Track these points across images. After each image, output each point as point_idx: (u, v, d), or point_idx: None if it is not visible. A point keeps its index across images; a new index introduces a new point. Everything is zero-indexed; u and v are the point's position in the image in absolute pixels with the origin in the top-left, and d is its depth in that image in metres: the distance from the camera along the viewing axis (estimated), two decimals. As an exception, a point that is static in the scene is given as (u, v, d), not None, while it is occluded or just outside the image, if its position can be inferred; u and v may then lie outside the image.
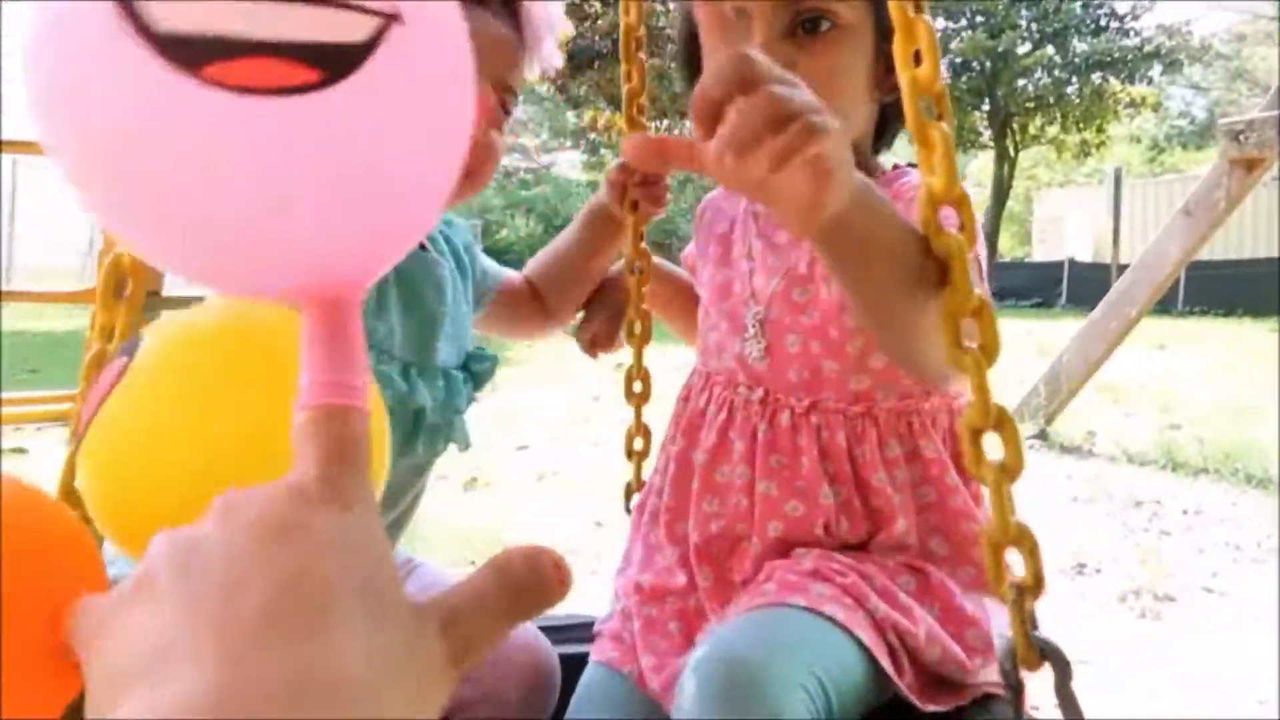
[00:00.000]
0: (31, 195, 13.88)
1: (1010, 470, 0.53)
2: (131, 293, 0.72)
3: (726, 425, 0.95)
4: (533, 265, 1.27)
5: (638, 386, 1.24)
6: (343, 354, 0.34)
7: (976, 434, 0.54)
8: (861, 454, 0.89)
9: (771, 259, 0.99)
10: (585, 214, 1.27)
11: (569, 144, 29.39)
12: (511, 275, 1.24)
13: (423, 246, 1.04)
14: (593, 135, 19.06)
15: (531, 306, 1.24)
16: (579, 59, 13.60)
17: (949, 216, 0.55)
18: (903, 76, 0.54)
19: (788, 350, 0.94)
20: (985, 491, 0.57)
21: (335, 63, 0.29)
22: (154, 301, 2.35)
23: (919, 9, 0.55)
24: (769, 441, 0.91)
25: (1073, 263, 16.06)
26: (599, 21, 13.54)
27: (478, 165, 0.95)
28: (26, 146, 2.25)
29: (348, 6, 0.30)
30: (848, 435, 0.90)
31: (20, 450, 4.15)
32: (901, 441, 0.89)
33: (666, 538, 0.98)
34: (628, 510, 1.17)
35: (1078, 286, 15.03)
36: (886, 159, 1.05)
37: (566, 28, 1.06)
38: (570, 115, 21.67)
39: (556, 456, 4.72)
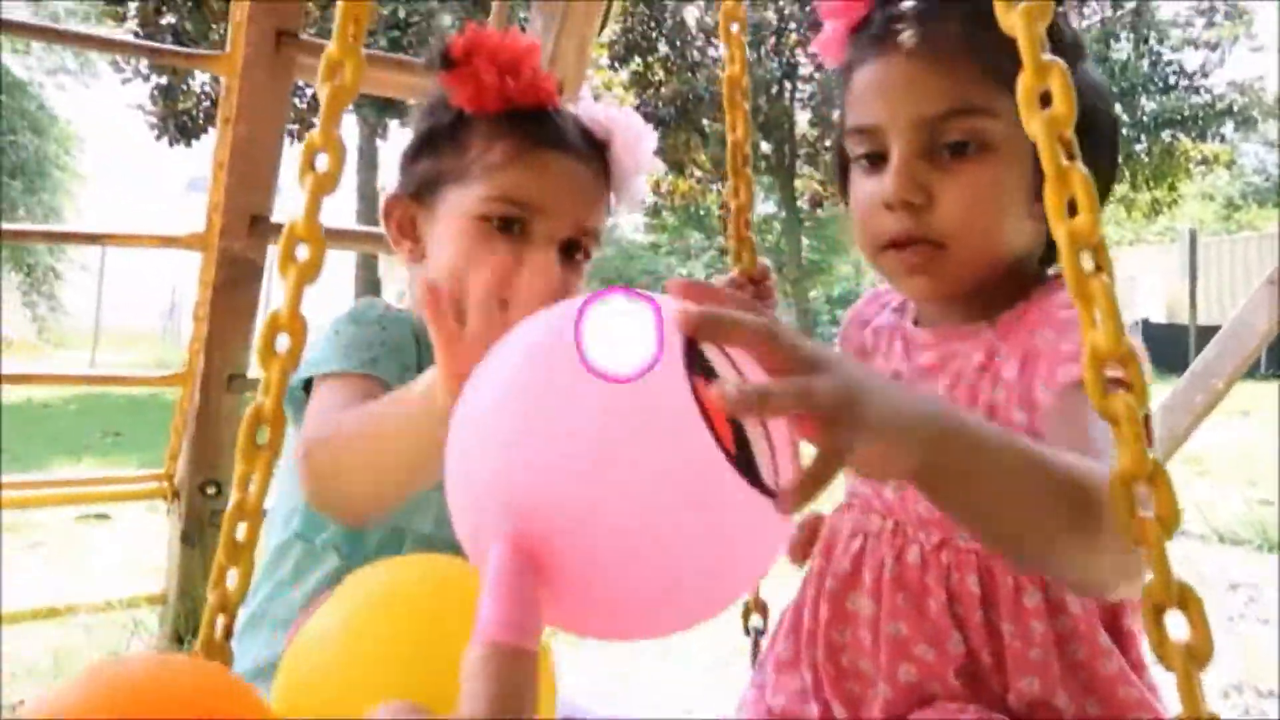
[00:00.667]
0: (118, 270, 14.54)
1: (1199, 656, 0.49)
2: (270, 440, 0.73)
3: (860, 553, 0.90)
4: None
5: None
6: (523, 596, 0.36)
7: (1159, 612, 0.50)
8: (995, 601, 0.82)
9: (906, 365, 0.94)
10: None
11: (630, 206, 29.78)
12: None
13: None
14: (655, 199, 19.26)
15: None
16: (642, 125, 13.81)
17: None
18: (1058, 230, 0.52)
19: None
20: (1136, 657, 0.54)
21: None
22: (239, 383, 2.38)
23: (1071, 156, 0.53)
24: (896, 578, 0.86)
25: (1147, 324, 15.64)
26: (662, 89, 13.78)
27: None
28: (116, 239, 2.34)
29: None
30: (980, 579, 0.83)
31: (103, 517, 4.25)
32: (1042, 591, 0.81)
33: (798, 657, 0.93)
34: (746, 632, 1.13)
35: (1154, 348, 14.37)
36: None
37: (657, 167, 1.08)
38: (632, 178, 22.00)
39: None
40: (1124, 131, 20.03)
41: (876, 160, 0.87)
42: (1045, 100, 0.53)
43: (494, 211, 0.96)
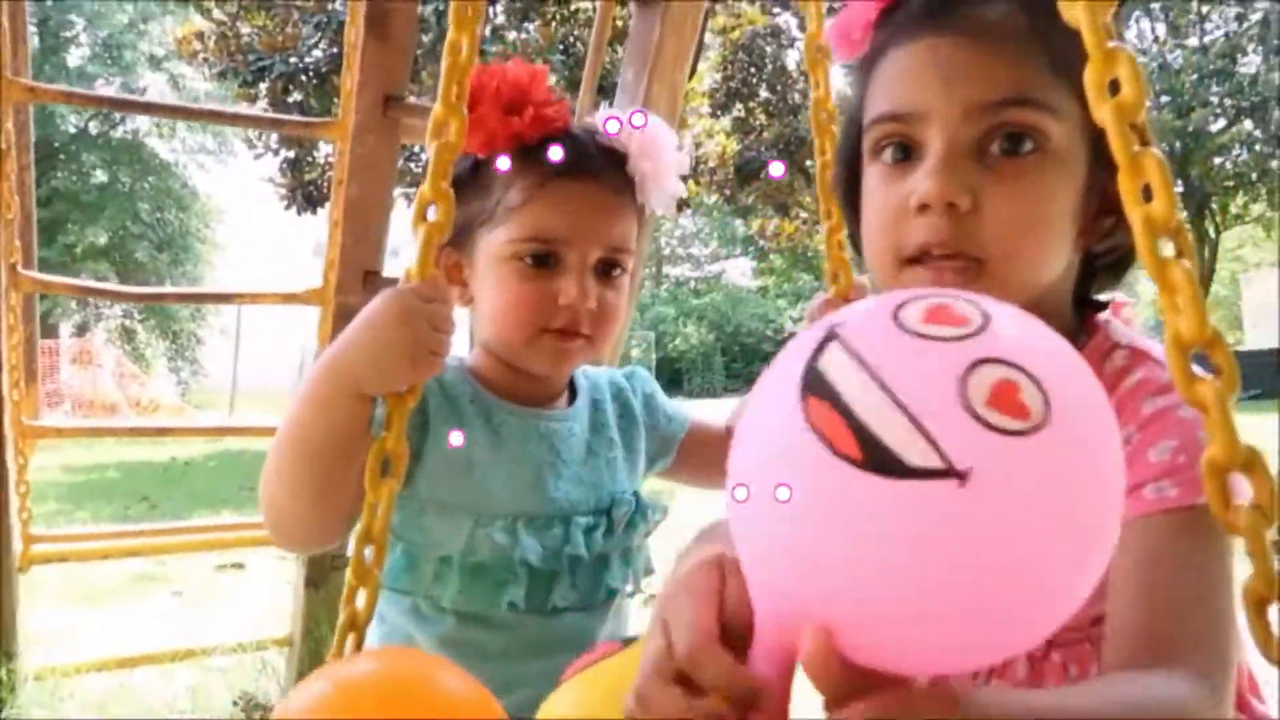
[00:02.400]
0: (253, 333, 15.44)
1: None
2: (394, 472, 0.80)
3: None
4: (740, 407, 1.26)
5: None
6: None
7: (1261, 605, 0.46)
8: None
9: None
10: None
11: (738, 251, 29.84)
12: (705, 421, 1.23)
13: (572, 388, 1.11)
14: (761, 242, 19.25)
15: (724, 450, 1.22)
16: (745, 170, 13.88)
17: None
18: (1134, 214, 0.50)
19: None
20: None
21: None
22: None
23: (1145, 142, 0.51)
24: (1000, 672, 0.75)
25: (1284, 350, 14.65)
26: (763, 134, 13.85)
27: (593, 330, 1.02)
28: (244, 298, 2.49)
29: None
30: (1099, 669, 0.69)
31: (239, 565, 4.46)
32: None
33: None
34: None
35: None
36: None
37: (683, 164, 1.07)
38: (739, 224, 22.05)
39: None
40: (1256, 148, 19.01)
41: (906, 156, 0.73)
42: (1114, 89, 0.51)
43: (523, 252, 0.99)
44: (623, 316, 1.07)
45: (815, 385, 0.43)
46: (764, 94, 14.01)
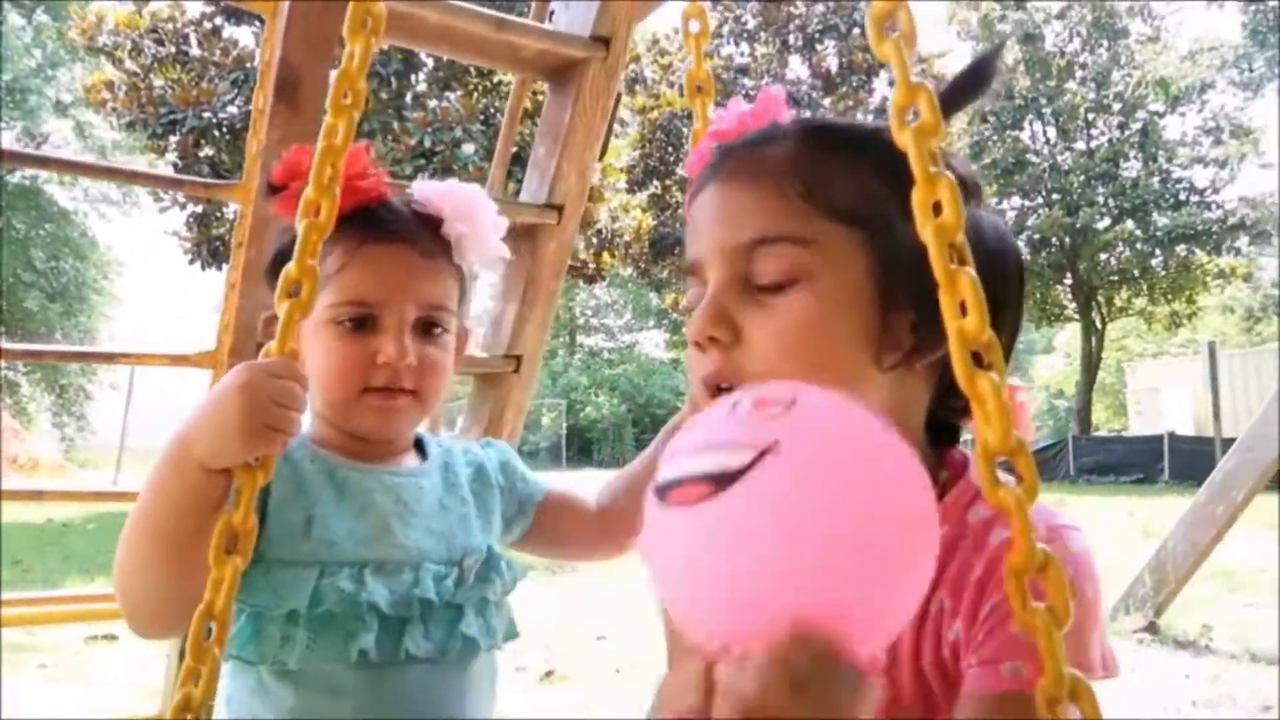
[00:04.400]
0: (147, 391, 14.93)
1: None
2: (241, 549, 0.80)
3: None
4: (612, 485, 1.27)
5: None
6: None
7: (1052, 705, 0.50)
8: None
9: None
10: (671, 433, 1.27)
11: (651, 324, 30.16)
12: (561, 491, 1.25)
13: (422, 454, 1.13)
14: (674, 315, 19.52)
15: (590, 525, 1.24)
16: (660, 245, 14.15)
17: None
18: (950, 327, 0.55)
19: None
20: None
21: (721, 481, 0.50)
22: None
23: (963, 261, 0.56)
24: None
25: (1173, 436, 15.44)
26: (680, 210, 14.18)
27: (416, 384, 1.05)
28: (130, 358, 2.42)
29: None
30: None
31: (111, 638, 4.23)
32: None
33: None
34: None
35: (1181, 461, 14.38)
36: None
37: (500, 225, 1.13)
38: (653, 296, 22.34)
39: (637, 648, 4.59)
40: (1137, 246, 20.24)
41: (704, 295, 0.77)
42: (936, 211, 0.56)
43: (341, 315, 1.02)
44: (446, 371, 1.09)
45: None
46: (680, 172, 14.39)
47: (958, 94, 0.73)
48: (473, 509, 1.11)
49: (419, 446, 1.14)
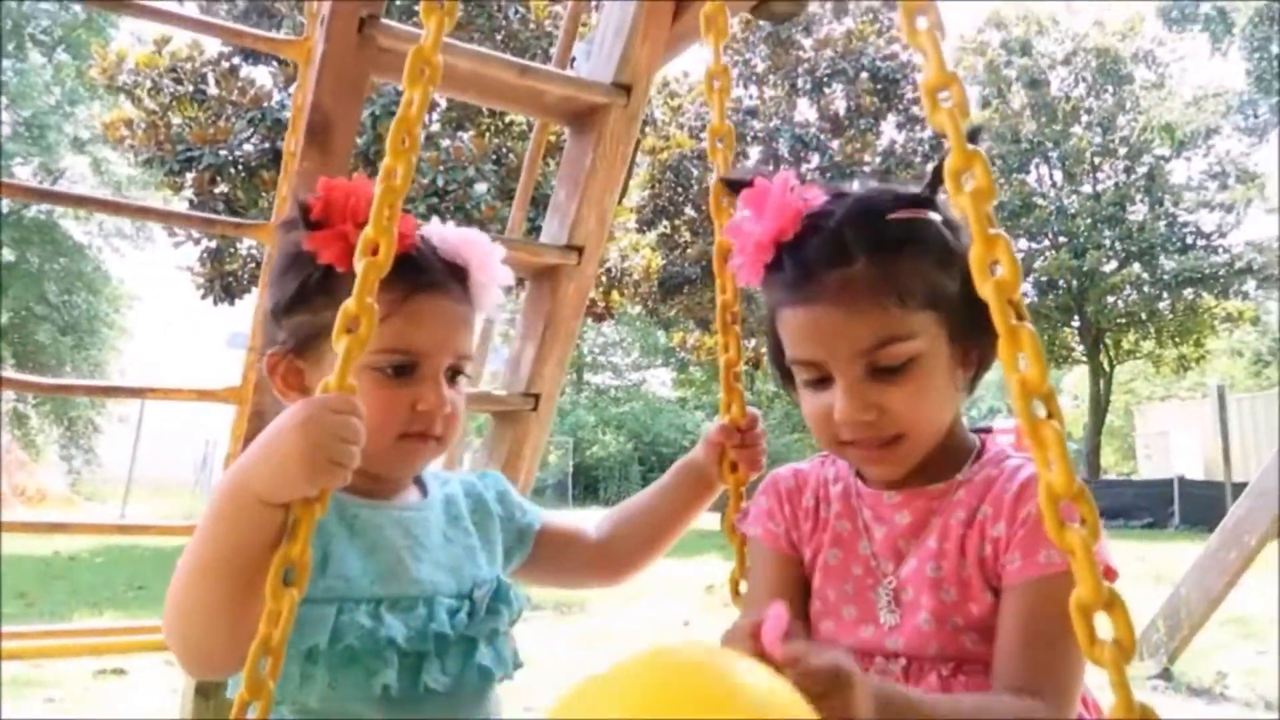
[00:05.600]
0: (155, 424, 14.92)
1: None
2: (298, 582, 0.79)
3: None
4: (616, 514, 1.30)
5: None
6: None
7: None
8: None
9: (883, 532, 1.01)
10: (678, 474, 1.29)
11: (659, 362, 30.18)
12: (558, 519, 1.28)
13: (422, 488, 1.16)
14: (681, 354, 19.55)
15: (588, 554, 1.27)
16: (669, 284, 14.20)
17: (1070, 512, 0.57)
18: (1010, 379, 0.57)
19: (923, 628, 0.95)
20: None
21: None
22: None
23: (1021, 316, 0.58)
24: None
25: (1183, 480, 15.32)
26: (688, 250, 14.24)
27: (444, 431, 1.08)
28: (157, 393, 2.44)
29: None
30: None
31: (120, 671, 4.21)
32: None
33: None
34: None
35: (1191, 506, 14.27)
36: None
37: (509, 278, 1.16)
38: (660, 335, 22.40)
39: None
40: (1144, 290, 20.25)
41: (822, 380, 0.98)
42: (993, 269, 0.59)
43: (385, 363, 1.04)
44: (464, 417, 1.13)
45: None
46: (689, 212, 14.47)
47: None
48: (476, 540, 1.13)
49: (418, 481, 1.16)
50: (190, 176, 10.23)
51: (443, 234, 1.12)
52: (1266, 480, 4.52)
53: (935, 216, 0.95)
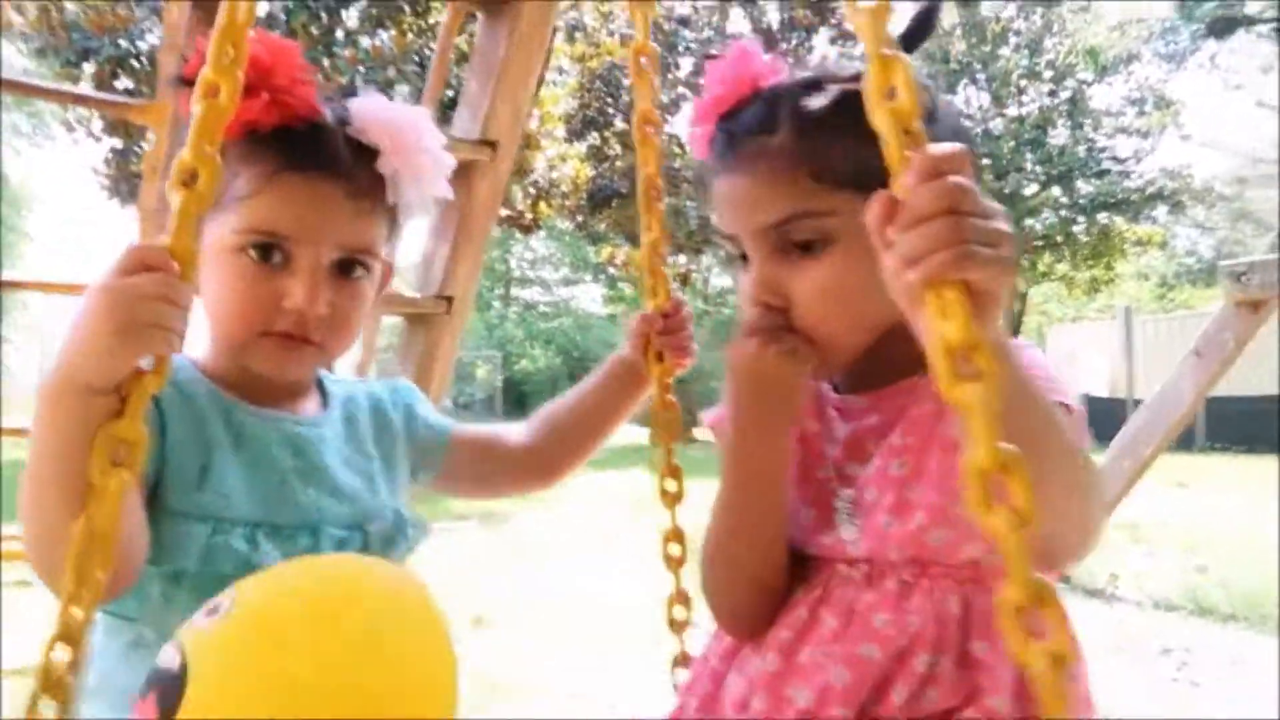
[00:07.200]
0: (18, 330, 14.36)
1: (1060, 657, 0.49)
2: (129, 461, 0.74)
3: (819, 602, 0.90)
4: (544, 415, 1.24)
5: (674, 550, 1.20)
6: None
7: (1017, 612, 0.51)
8: (971, 622, 0.85)
9: (846, 429, 0.96)
10: (607, 370, 1.24)
11: (589, 278, 29.97)
12: (470, 429, 1.20)
13: (324, 396, 1.05)
14: (611, 269, 19.44)
15: (513, 459, 1.20)
16: (598, 198, 14.02)
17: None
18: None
19: (883, 529, 0.89)
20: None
21: None
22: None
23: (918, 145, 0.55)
24: (871, 605, 0.87)
25: (1089, 398, 15.97)
26: (617, 163, 14.04)
27: (323, 337, 0.96)
28: (46, 287, 2.32)
29: None
30: (961, 602, 0.85)
31: (24, 584, 4.09)
32: None
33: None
34: (674, 687, 1.10)
35: (1095, 421, 14.60)
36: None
37: (446, 164, 1.03)
38: (590, 250, 22.17)
39: (566, 594, 4.61)
40: (1062, 213, 20.71)
41: (744, 258, 0.94)
42: (891, 95, 0.55)
43: (247, 243, 0.92)
44: (358, 322, 1.00)
45: None
46: (619, 124, 14.19)
47: (906, 42, 0.86)
48: (378, 465, 1.04)
49: (320, 386, 1.06)
50: (89, 69, 9.62)
51: (364, 110, 0.98)
52: (1163, 397, 4.70)
53: None
